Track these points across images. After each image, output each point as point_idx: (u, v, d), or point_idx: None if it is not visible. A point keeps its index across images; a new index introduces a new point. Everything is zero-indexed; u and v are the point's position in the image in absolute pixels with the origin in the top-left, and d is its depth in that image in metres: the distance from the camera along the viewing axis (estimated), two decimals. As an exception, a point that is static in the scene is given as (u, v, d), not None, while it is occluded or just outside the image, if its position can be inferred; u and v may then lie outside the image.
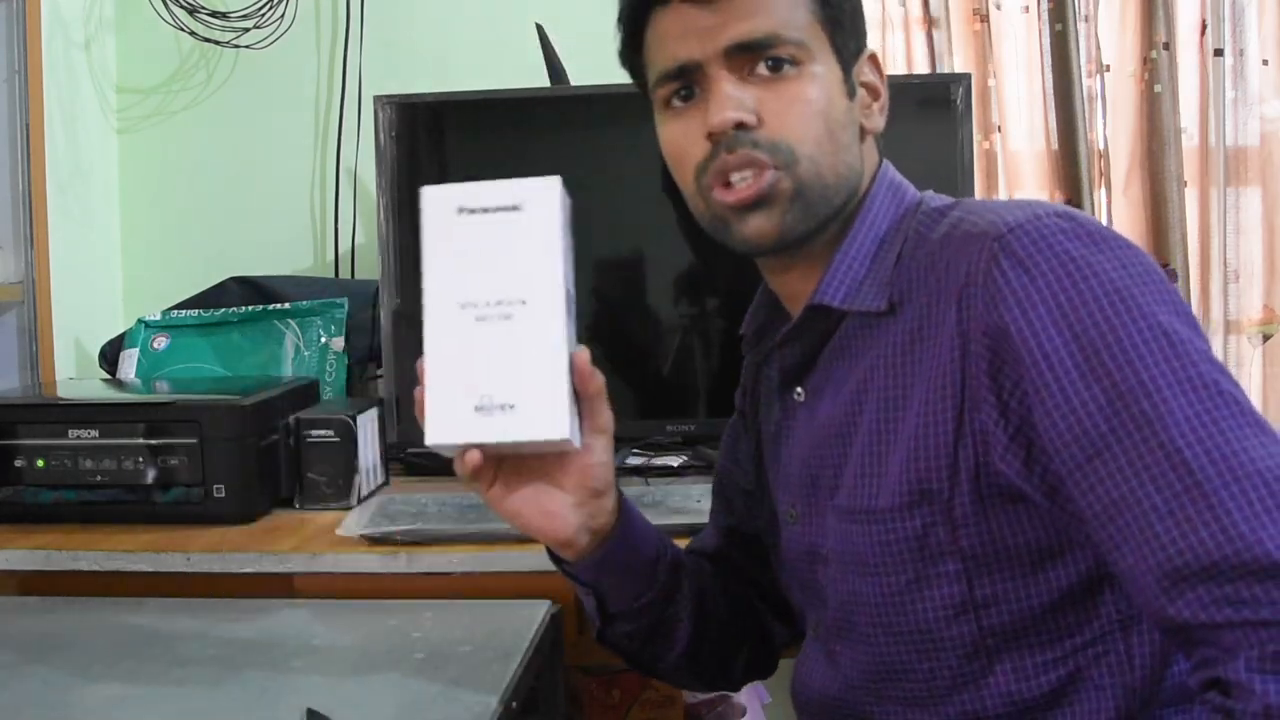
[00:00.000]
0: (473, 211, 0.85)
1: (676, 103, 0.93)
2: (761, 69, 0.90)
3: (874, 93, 0.97)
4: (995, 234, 0.83)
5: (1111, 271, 0.80)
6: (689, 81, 0.91)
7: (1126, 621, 0.86)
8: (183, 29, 2.04)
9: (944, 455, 0.84)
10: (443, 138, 1.74)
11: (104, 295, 2.10)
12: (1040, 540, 0.84)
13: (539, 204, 0.86)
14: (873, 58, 0.97)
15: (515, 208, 0.85)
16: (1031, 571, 0.85)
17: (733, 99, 0.89)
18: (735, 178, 0.90)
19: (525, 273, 0.85)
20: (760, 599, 1.14)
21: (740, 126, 0.89)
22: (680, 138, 0.93)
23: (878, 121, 0.97)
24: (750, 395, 1.11)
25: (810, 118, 0.90)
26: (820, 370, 0.96)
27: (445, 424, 0.83)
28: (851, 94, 0.93)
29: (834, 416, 0.93)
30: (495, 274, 0.84)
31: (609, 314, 1.72)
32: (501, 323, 0.84)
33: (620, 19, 0.97)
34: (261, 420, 1.52)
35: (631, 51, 0.97)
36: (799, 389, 0.98)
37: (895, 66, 2.02)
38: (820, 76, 0.90)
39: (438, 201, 0.85)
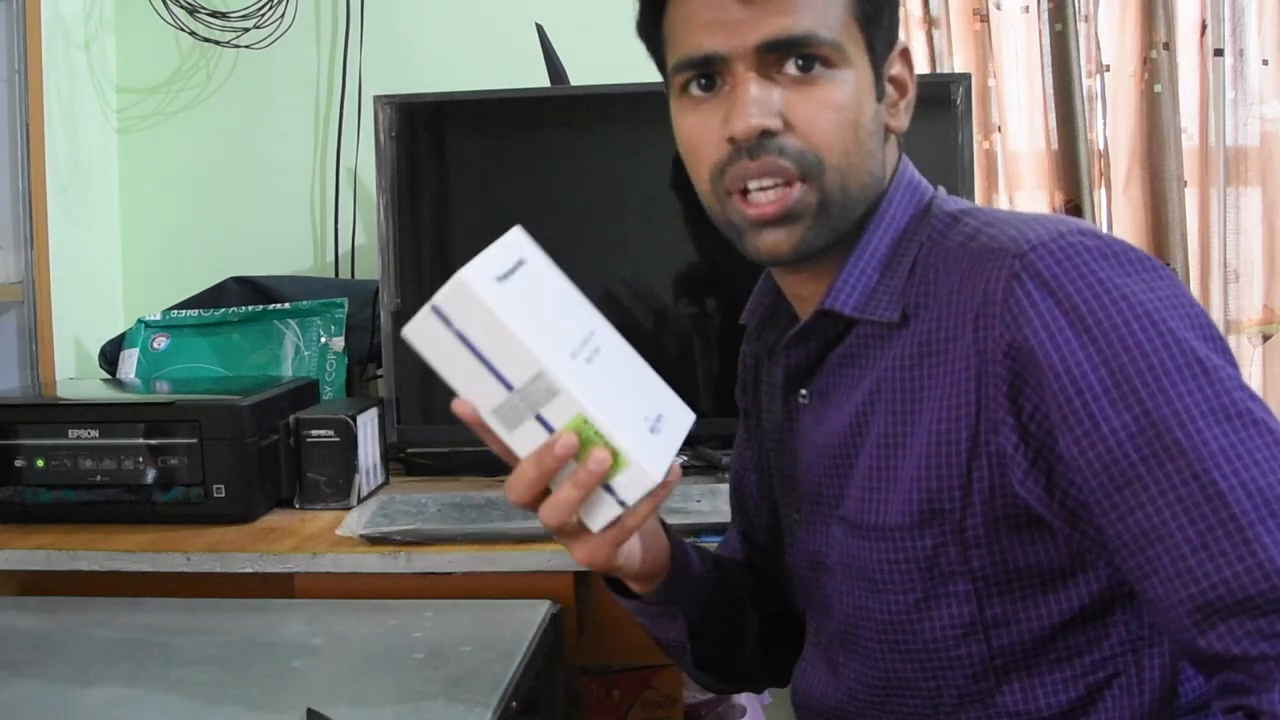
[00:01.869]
0: (504, 278, 0.79)
1: (696, 90, 0.88)
2: (791, 68, 0.84)
3: (902, 89, 0.92)
4: (1016, 251, 0.80)
5: (1141, 295, 0.77)
6: (711, 72, 0.86)
7: (1137, 643, 0.85)
8: (183, 29, 2.04)
9: (957, 476, 0.82)
10: (443, 138, 1.74)
11: (104, 295, 2.10)
12: (1053, 561, 0.83)
13: (529, 247, 0.84)
14: (904, 52, 0.92)
15: (522, 261, 0.82)
16: (1043, 592, 0.84)
17: (759, 103, 0.84)
18: (754, 185, 0.86)
19: (575, 307, 0.85)
20: (785, 603, 1.11)
21: (765, 133, 0.84)
22: (698, 132, 0.88)
23: (903, 120, 0.92)
24: (751, 391, 1.09)
25: (841, 125, 0.85)
26: (827, 373, 0.93)
27: (652, 461, 0.79)
28: (881, 95, 0.89)
29: (840, 424, 0.91)
30: (564, 320, 0.82)
31: (608, 314, 1.71)
32: (602, 356, 0.83)
33: None
34: (261, 420, 1.52)
35: (651, 24, 0.92)
36: (804, 391, 0.96)
37: (895, 66, 2.02)
38: (852, 80, 0.86)
39: (466, 299, 0.78)
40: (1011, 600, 0.84)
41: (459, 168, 1.75)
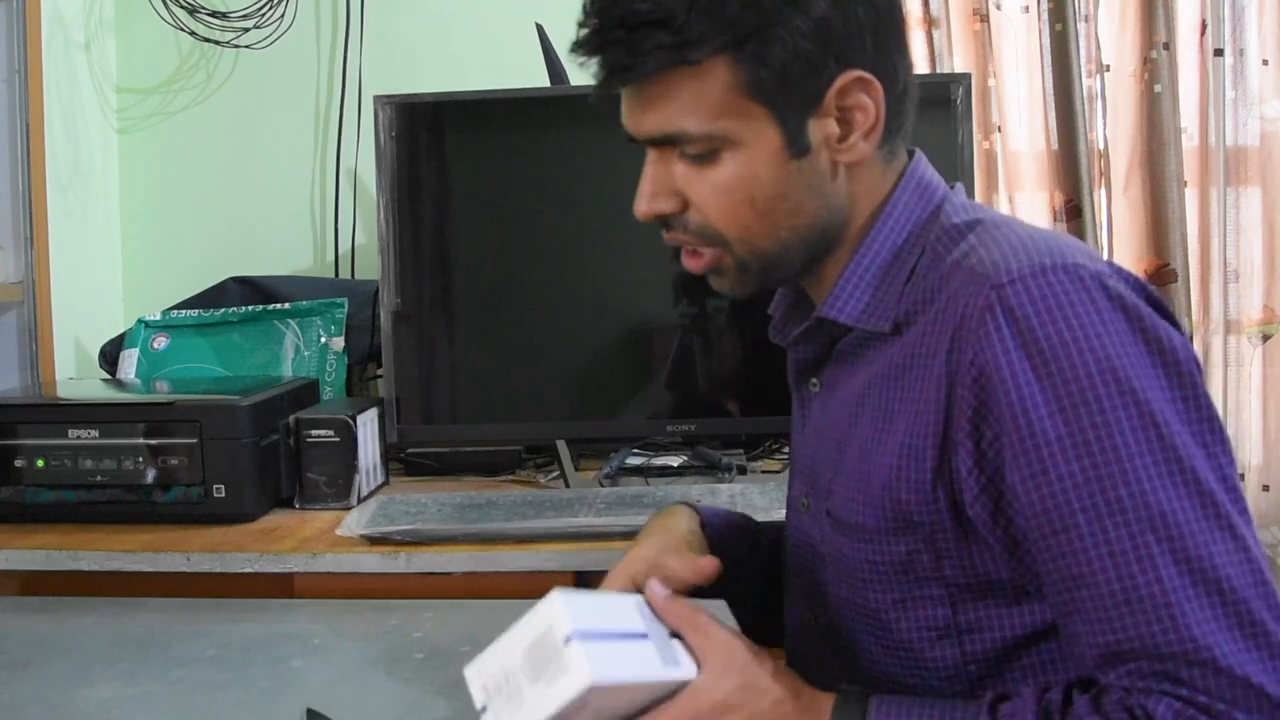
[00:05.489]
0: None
1: None
2: (683, 154, 0.88)
3: (858, 117, 0.88)
4: (995, 282, 0.80)
5: (1109, 346, 0.78)
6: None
7: None
8: (183, 29, 2.04)
9: (924, 490, 0.84)
10: (443, 138, 1.74)
11: (104, 295, 2.10)
12: (1021, 575, 0.84)
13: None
14: (858, 80, 0.87)
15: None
16: (1014, 602, 0.85)
17: (649, 189, 0.90)
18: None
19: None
20: None
21: (664, 214, 0.90)
22: None
23: (861, 149, 0.89)
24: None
25: (732, 206, 0.88)
26: (835, 365, 0.96)
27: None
28: (801, 151, 0.87)
29: (838, 417, 0.94)
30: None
31: (609, 314, 1.71)
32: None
33: None
34: (261, 420, 1.52)
35: None
36: (814, 380, 0.98)
37: (895, 66, 2.02)
38: (745, 158, 0.87)
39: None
40: (984, 607, 0.86)
41: (459, 168, 1.75)
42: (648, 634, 0.81)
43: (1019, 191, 2.04)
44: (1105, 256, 1.94)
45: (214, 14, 2.02)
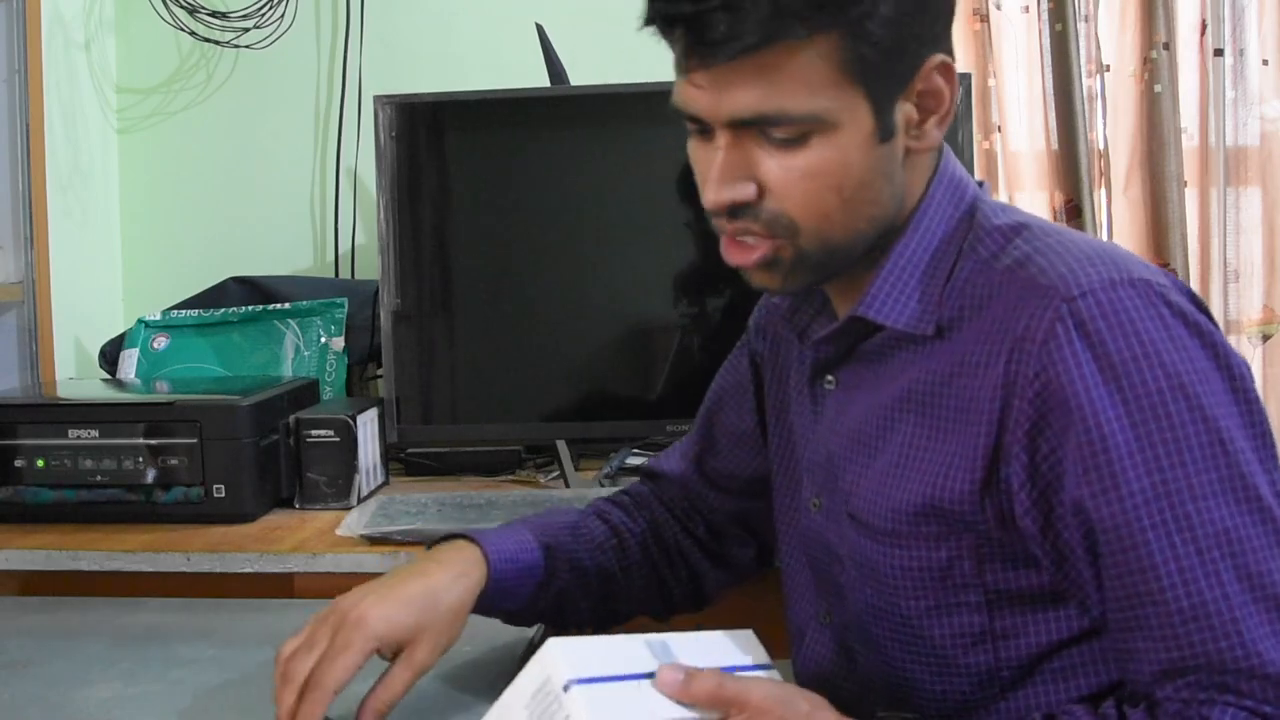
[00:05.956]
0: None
1: (693, 128, 0.86)
2: (769, 137, 0.82)
3: (934, 103, 0.86)
4: (1065, 295, 0.80)
5: (1180, 364, 0.78)
6: (704, 125, 0.85)
7: None
8: (183, 29, 2.04)
9: (972, 499, 0.83)
10: (443, 138, 1.74)
11: (104, 295, 2.10)
12: (1061, 584, 0.84)
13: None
14: (942, 65, 0.84)
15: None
16: (1053, 606, 0.85)
17: (722, 175, 0.83)
18: (732, 232, 0.86)
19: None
20: (700, 536, 1.15)
21: (741, 202, 0.84)
22: (697, 165, 0.87)
23: (934, 136, 0.87)
24: (770, 350, 1.07)
25: (818, 192, 0.83)
26: (856, 364, 0.94)
27: None
28: (888, 135, 0.84)
29: (865, 421, 0.91)
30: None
31: (610, 314, 1.71)
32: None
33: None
34: (261, 420, 1.52)
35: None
36: (830, 377, 0.96)
37: (895, 66, 2.02)
38: (838, 141, 0.82)
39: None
40: (1022, 613, 0.85)
41: (459, 168, 1.75)
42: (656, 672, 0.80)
43: (1019, 191, 2.04)
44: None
45: (214, 14, 2.02)
